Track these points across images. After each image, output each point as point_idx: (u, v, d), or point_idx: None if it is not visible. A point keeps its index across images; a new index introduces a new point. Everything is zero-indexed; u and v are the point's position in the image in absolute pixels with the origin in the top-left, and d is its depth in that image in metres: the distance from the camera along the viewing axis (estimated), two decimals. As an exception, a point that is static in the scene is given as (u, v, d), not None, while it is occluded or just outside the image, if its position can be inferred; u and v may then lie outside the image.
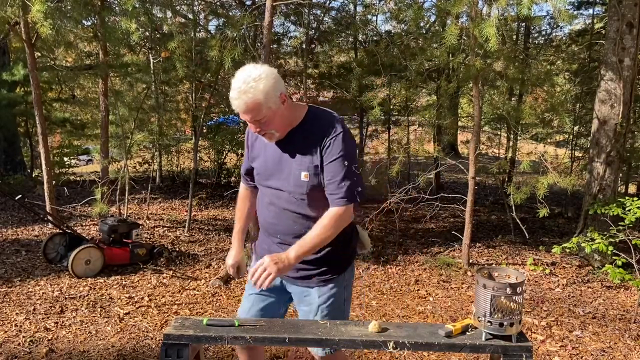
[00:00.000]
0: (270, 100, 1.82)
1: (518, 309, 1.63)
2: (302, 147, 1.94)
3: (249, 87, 1.78)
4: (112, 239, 5.07)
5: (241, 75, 1.81)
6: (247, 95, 1.78)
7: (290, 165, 1.95)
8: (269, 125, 1.87)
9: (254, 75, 1.79)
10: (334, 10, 8.92)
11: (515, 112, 6.31)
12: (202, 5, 9.07)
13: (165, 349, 1.72)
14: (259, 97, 1.79)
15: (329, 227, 1.90)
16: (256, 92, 1.78)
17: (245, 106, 1.80)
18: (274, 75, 1.84)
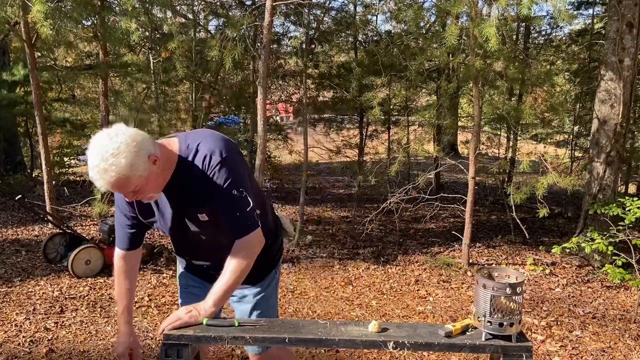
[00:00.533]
0: (139, 169, 1.61)
1: (518, 309, 1.63)
2: (187, 192, 1.80)
3: (110, 165, 1.55)
4: (112, 239, 5.06)
5: (96, 150, 1.57)
6: (109, 175, 1.56)
7: (184, 212, 1.85)
8: (143, 192, 1.70)
9: (112, 150, 1.55)
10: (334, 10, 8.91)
11: (515, 112, 6.31)
12: (202, 5, 9.06)
13: (165, 349, 1.72)
14: (124, 172, 1.57)
15: (242, 262, 1.81)
16: (119, 168, 1.56)
17: (110, 185, 1.59)
18: (136, 140, 1.61)
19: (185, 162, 1.77)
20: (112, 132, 1.60)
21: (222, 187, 1.75)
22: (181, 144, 1.79)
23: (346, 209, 8.76)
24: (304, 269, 5.41)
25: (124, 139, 1.58)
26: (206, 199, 1.78)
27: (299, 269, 5.38)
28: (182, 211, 1.86)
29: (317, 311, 4.24)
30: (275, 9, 6.35)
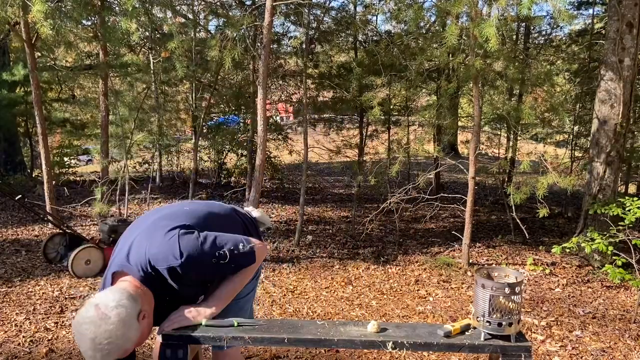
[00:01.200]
0: (133, 337, 1.57)
1: (517, 308, 1.63)
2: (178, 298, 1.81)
3: (107, 352, 1.50)
4: (112, 239, 5.06)
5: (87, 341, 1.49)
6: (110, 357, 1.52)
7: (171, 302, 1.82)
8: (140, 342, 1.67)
9: (105, 339, 1.49)
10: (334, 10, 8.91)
11: (515, 112, 6.31)
12: (202, 5, 9.07)
13: (164, 349, 1.72)
14: (124, 348, 1.54)
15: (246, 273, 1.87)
16: (118, 348, 1.52)
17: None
18: (126, 312, 1.54)
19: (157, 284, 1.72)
20: (94, 317, 1.50)
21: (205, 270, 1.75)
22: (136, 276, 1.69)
23: (346, 209, 8.77)
24: (304, 269, 5.41)
25: (113, 323, 1.50)
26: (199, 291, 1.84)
27: (299, 269, 5.38)
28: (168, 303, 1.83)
29: (316, 311, 4.24)
30: (275, 9, 6.35)
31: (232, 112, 10.12)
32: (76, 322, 1.54)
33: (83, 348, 1.51)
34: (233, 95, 9.31)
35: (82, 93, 12.76)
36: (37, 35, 5.77)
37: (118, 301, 1.54)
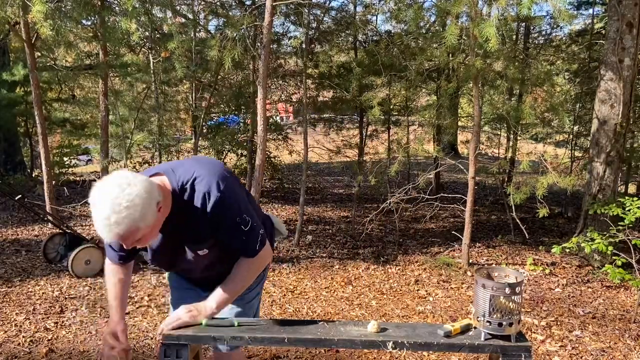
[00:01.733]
0: (149, 220, 1.55)
1: (517, 308, 1.63)
2: (187, 227, 1.75)
3: (122, 218, 1.48)
4: (112, 239, 5.06)
5: (106, 201, 1.48)
6: (120, 227, 1.49)
7: (183, 249, 1.81)
8: (145, 240, 1.64)
9: (125, 202, 1.48)
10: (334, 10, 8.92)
11: (515, 112, 6.31)
12: (202, 5, 9.07)
13: (165, 349, 1.72)
14: (136, 225, 1.51)
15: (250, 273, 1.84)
16: (132, 221, 1.50)
17: (117, 237, 1.52)
18: (148, 190, 1.54)
19: (182, 201, 1.70)
20: (121, 181, 1.51)
21: (225, 220, 1.73)
22: (172, 182, 1.70)
23: (346, 209, 8.77)
24: (304, 269, 5.41)
25: (137, 191, 1.51)
26: (208, 235, 1.76)
27: (299, 269, 5.38)
28: (178, 248, 1.82)
29: (316, 311, 4.24)
30: (275, 9, 6.35)
31: (232, 112, 10.11)
32: (99, 185, 1.53)
33: (99, 212, 1.48)
34: (233, 95, 9.31)
35: (82, 93, 12.75)
36: (37, 35, 5.77)
37: (145, 180, 1.57)
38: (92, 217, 1.52)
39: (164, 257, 1.86)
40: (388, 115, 8.19)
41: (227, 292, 1.82)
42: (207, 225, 1.73)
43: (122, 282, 1.92)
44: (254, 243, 1.80)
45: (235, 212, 1.74)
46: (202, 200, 1.69)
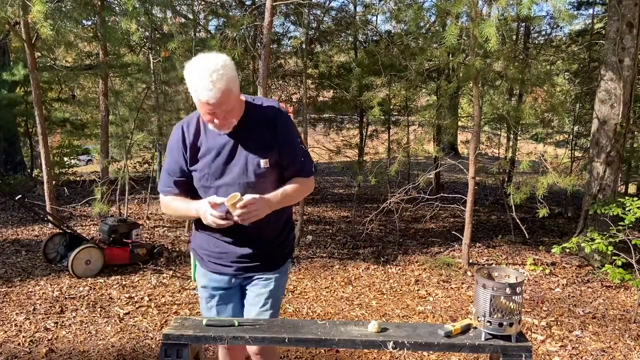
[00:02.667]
0: (235, 87, 1.80)
1: (517, 309, 1.63)
2: (255, 135, 1.92)
3: (221, 75, 1.73)
4: (112, 239, 5.07)
5: (204, 64, 1.74)
6: (221, 83, 1.72)
7: (245, 155, 1.92)
8: (232, 115, 1.84)
9: (221, 63, 1.75)
10: (334, 10, 8.92)
11: (515, 112, 6.31)
12: (202, 5, 9.06)
13: (165, 349, 1.72)
14: (231, 84, 1.76)
15: (300, 191, 2.02)
16: (229, 78, 1.75)
17: (220, 93, 1.73)
18: (231, 61, 1.82)
19: (254, 108, 1.95)
20: (208, 54, 1.78)
21: (290, 134, 1.97)
22: (245, 96, 1.95)
23: (346, 209, 8.77)
24: (304, 269, 5.41)
25: (225, 57, 1.79)
26: (273, 145, 1.92)
27: (299, 269, 5.38)
28: (242, 154, 1.92)
29: (316, 311, 4.24)
30: (275, 9, 6.35)
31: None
32: (192, 61, 1.78)
33: (200, 73, 1.72)
34: (233, 95, 9.28)
35: (82, 93, 12.74)
36: (37, 35, 5.76)
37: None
38: (191, 84, 1.75)
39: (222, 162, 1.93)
40: (388, 115, 8.20)
41: (281, 193, 1.93)
42: (275, 133, 1.93)
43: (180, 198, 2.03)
44: (310, 164, 2.03)
45: (296, 133, 2.02)
46: (271, 111, 1.95)
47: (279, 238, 2.09)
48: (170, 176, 2.01)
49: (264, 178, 1.93)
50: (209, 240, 2.07)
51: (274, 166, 1.95)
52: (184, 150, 1.96)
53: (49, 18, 4.88)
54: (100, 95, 7.38)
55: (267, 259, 2.07)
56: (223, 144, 1.92)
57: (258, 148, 1.91)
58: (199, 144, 1.95)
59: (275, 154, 1.93)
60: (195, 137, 1.96)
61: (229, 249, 2.04)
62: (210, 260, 2.10)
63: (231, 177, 1.93)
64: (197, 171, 1.96)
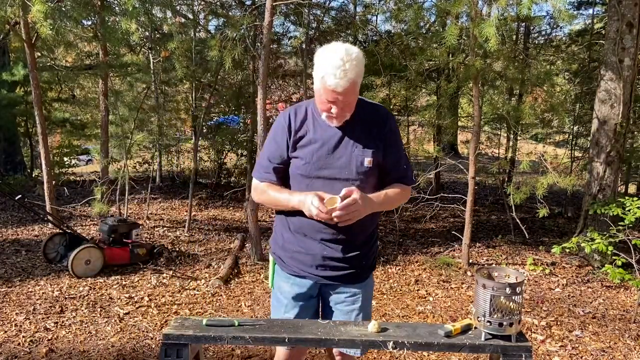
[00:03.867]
0: (360, 82, 1.80)
1: (517, 308, 1.63)
2: (363, 132, 1.89)
3: (354, 66, 1.72)
4: (112, 239, 5.07)
5: (341, 51, 1.73)
6: (353, 72, 1.72)
7: (350, 151, 1.88)
8: (349, 108, 1.83)
9: (355, 52, 1.75)
10: (334, 10, 8.92)
11: (515, 112, 6.31)
12: (202, 5, 9.06)
13: (165, 349, 1.72)
14: (358, 78, 1.76)
15: (399, 197, 1.99)
16: (359, 70, 1.75)
17: (349, 83, 1.72)
18: (363, 55, 1.80)
19: (366, 105, 1.94)
20: (344, 44, 1.77)
21: (398, 138, 1.98)
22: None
23: (346, 209, 8.74)
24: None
25: (359, 51, 1.77)
26: (379, 145, 1.90)
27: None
28: (348, 149, 1.88)
29: (317, 311, 4.23)
30: (275, 9, 6.35)
31: (232, 112, 10.11)
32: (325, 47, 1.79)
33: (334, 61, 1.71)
34: (233, 95, 9.30)
35: (82, 93, 12.75)
36: (37, 35, 5.76)
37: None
38: (321, 69, 1.74)
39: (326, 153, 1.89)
40: (388, 115, 8.19)
41: (382, 197, 1.90)
42: (384, 134, 1.92)
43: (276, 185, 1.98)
44: (412, 173, 2.02)
45: (401, 142, 2.01)
46: (382, 112, 1.96)
47: (367, 245, 2.00)
48: (270, 162, 1.96)
49: (365, 177, 1.89)
50: (293, 240, 1.99)
51: (376, 167, 1.91)
52: (288, 136, 1.92)
53: (49, 18, 4.88)
54: (100, 95, 7.39)
55: (353, 267, 1.97)
56: (330, 136, 1.89)
57: (364, 146, 1.88)
58: (304, 132, 1.92)
59: (380, 155, 1.90)
60: (301, 124, 1.92)
61: (314, 249, 1.95)
62: (293, 262, 2.01)
63: (332, 171, 1.89)
64: (298, 159, 1.91)
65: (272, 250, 2.12)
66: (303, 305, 2.02)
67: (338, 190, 1.82)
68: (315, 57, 1.79)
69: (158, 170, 10.87)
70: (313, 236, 1.94)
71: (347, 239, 1.92)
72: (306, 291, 2.01)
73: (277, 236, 2.08)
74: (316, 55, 1.79)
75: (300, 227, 1.95)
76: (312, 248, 1.95)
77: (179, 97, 10.97)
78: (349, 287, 2.00)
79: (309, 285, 1.99)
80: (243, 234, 6.56)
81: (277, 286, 2.09)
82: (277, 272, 2.09)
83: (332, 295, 2.03)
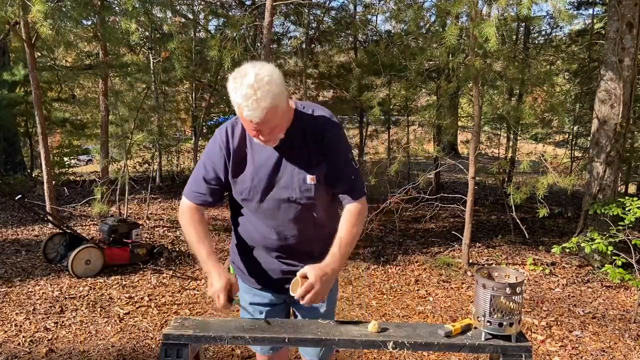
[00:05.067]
0: (282, 102, 1.63)
1: (517, 308, 1.63)
2: (301, 148, 1.77)
3: (266, 93, 1.55)
4: (112, 239, 5.07)
5: (248, 80, 1.57)
6: (266, 102, 1.56)
7: (290, 170, 1.78)
8: (278, 130, 1.68)
9: (266, 78, 1.57)
10: (334, 10, 8.93)
11: (515, 112, 6.31)
12: (202, 5, 9.07)
13: (165, 349, 1.72)
14: (276, 101, 1.58)
15: (358, 224, 1.84)
16: (274, 95, 1.57)
17: (264, 113, 1.57)
18: (278, 72, 1.64)
19: (303, 118, 1.79)
20: (255, 64, 1.62)
21: (340, 148, 1.81)
22: (295, 103, 1.81)
23: (346, 209, 8.74)
24: (304, 269, 5.40)
25: (272, 68, 1.62)
26: (321, 159, 1.78)
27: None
28: (288, 169, 1.78)
29: (317, 311, 4.23)
30: (275, 9, 6.35)
31: (232, 112, 10.12)
32: (238, 70, 1.64)
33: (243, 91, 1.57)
34: (233, 95, 9.28)
35: (82, 93, 12.75)
36: (37, 35, 5.76)
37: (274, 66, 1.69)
38: (234, 99, 1.61)
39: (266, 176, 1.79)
40: (388, 115, 8.21)
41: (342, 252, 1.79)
42: (323, 147, 1.78)
43: (202, 225, 1.85)
44: (361, 183, 1.85)
45: (348, 147, 1.86)
46: (322, 122, 1.80)
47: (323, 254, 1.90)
48: (204, 182, 1.85)
49: (311, 194, 1.78)
50: (250, 255, 1.94)
51: (322, 183, 1.79)
52: (227, 156, 1.81)
53: (49, 18, 4.88)
54: (100, 95, 7.39)
55: None
56: (267, 156, 1.78)
57: (305, 162, 1.77)
58: (242, 153, 1.81)
59: (323, 169, 1.78)
60: (239, 144, 1.81)
61: (271, 264, 1.91)
62: (252, 275, 1.97)
63: (276, 192, 1.79)
64: (239, 183, 1.83)
65: (231, 259, 2.07)
66: (270, 312, 2.00)
67: (286, 211, 1.80)
68: (227, 84, 1.65)
69: (158, 170, 10.86)
70: (269, 253, 1.90)
71: (303, 252, 1.87)
72: (268, 301, 1.99)
73: (234, 247, 2.02)
74: (228, 83, 1.65)
75: (256, 243, 1.91)
76: (269, 263, 1.91)
77: (179, 97, 10.97)
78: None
79: (271, 296, 1.98)
80: (243, 234, 6.56)
81: (241, 297, 2.04)
82: (239, 281, 2.03)
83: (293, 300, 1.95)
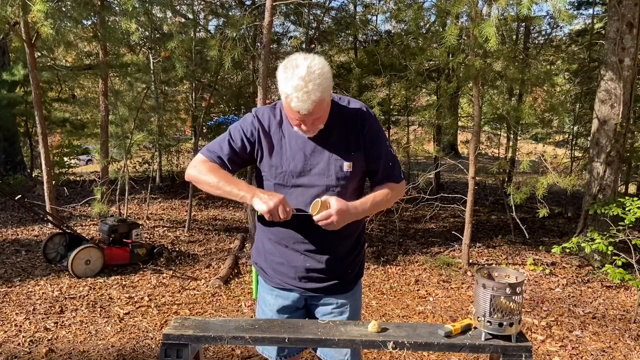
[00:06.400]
0: (328, 96, 1.68)
1: (518, 309, 1.63)
2: (340, 136, 1.79)
3: (317, 85, 1.59)
4: (112, 239, 5.07)
5: (302, 71, 1.58)
6: (315, 95, 1.59)
7: (327, 157, 1.78)
8: (320, 122, 1.72)
9: (318, 71, 1.60)
10: (334, 10, 8.93)
11: (515, 112, 6.31)
12: (202, 5, 9.07)
13: (165, 349, 1.72)
14: (325, 94, 1.63)
15: (393, 195, 1.85)
16: (323, 88, 1.61)
17: (313, 105, 1.60)
18: (328, 66, 1.67)
19: (341, 108, 1.82)
20: (307, 56, 1.63)
21: (379, 136, 1.84)
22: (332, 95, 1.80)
23: (346, 209, 8.74)
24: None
25: (323, 62, 1.64)
26: (360, 147, 1.80)
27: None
28: (325, 155, 1.78)
29: (317, 311, 4.23)
30: (275, 9, 6.35)
31: (232, 112, 10.12)
32: (289, 59, 1.64)
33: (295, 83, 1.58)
34: (233, 95, 9.30)
35: (82, 93, 12.75)
36: (37, 35, 5.76)
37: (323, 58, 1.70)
38: (283, 89, 1.62)
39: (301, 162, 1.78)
40: (388, 115, 8.20)
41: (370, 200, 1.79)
42: (362, 137, 1.80)
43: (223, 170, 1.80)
44: (399, 169, 1.89)
45: (385, 136, 1.89)
46: (359, 112, 1.82)
47: (352, 253, 1.92)
48: (229, 146, 1.80)
49: (346, 182, 1.79)
50: (274, 251, 1.91)
51: (357, 173, 1.81)
52: (259, 137, 1.80)
53: (49, 18, 4.88)
54: (100, 95, 7.38)
55: (338, 277, 1.89)
56: (306, 141, 1.79)
57: (342, 150, 1.78)
58: (278, 137, 1.81)
59: (360, 159, 1.80)
60: (276, 130, 1.81)
61: (296, 261, 1.87)
62: (275, 274, 1.93)
63: (310, 178, 1.79)
64: (274, 167, 1.80)
65: (253, 260, 2.04)
66: (289, 317, 1.95)
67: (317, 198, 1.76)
68: (277, 72, 1.65)
69: (158, 170, 10.87)
70: (294, 247, 1.86)
71: (330, 249, 1.85)
72: (291, 304, 1.94)
73: (259, 246, 1.99)
74: (278, 71, 1.65)
75: (282, 238, 1.88)
76: (294, 260, 1.87)
77: (179, 97, 10.98)
78: (336, 298, 1.92)
79: (294, 297, 1.93)
80: (243, 234, 6.57)
81: (261, 298, 2.02)
82: (260, 283, 2.02)
83: (318, 307, 1.95)
